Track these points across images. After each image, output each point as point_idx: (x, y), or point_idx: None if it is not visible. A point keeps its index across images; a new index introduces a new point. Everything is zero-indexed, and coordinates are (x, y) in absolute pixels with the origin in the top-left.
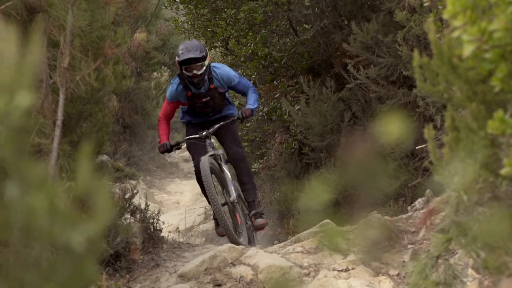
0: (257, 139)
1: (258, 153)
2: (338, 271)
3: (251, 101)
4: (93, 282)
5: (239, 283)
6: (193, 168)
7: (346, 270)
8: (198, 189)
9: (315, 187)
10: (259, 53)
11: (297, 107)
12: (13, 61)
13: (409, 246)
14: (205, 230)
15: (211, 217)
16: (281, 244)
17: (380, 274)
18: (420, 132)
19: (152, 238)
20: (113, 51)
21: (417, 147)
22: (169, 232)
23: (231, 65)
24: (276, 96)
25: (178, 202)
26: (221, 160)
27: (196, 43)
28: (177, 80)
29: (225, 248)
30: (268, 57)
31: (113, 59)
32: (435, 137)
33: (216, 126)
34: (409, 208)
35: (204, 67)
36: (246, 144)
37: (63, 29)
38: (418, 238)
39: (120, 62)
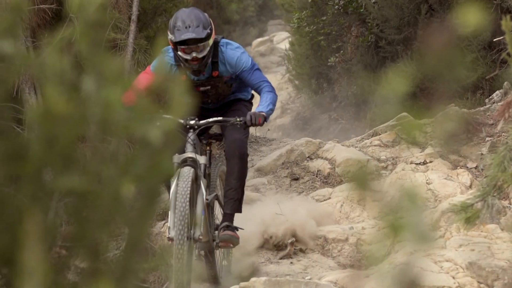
0: (333, 32)
1: (334, 46)
2: (416, 164)
3: (265, 103)
4: (170, 175)
5: (316, 176)
6: (270, 64)
7: (424, 163)
8: (275, 83)
9: (392, 80)
10: None
11: (373, 0)
12: None
13: (487, 138)
14: (281, 124)
15: (287, 111)
16: (358, 138)
17: (458, 167)
18: (498, 24)
19: None
20: None
21: (494, 39)
22: (255, 130)
23: None
24: None
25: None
26: (200, 173)
27: (198, 14)
28: (170, 53)
29: (302, 142)
30: None
31: None
32: None
33: (211, 120)
34: (486, 100)
35: (208, 48)
36: (321, 38)
37: None
38: (496, 131)
39: None
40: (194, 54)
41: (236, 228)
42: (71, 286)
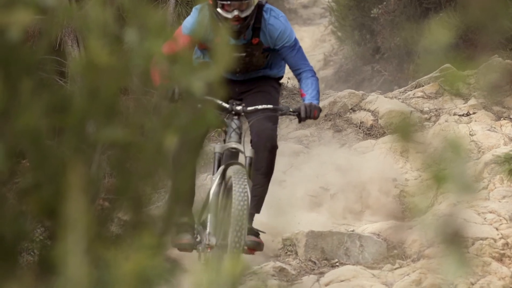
0: None
1: None
2: (459, 115)
3: (313, 91)
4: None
5: (359, 128)
6: (313, 15)
7: (467, 114)
8: (317, 35)
9: (435, 31)
10: None
11: None
12: None
13: None
14: (324, 76)
15: (330, 63)
16: (401, 90)
17: (502, 118)
18: None
19: None
20: None
21: None
22: (288, 78)
23: None
24: None
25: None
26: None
27: None
28: (205, 11)
29: (345, 94)
30: None
31: None
32: None
33: (260, 107)
34: None
35: (252, 8)
36: None
37: None
38: None
39: None
40: (236, 13)
41: (258, 233)
42: (114, 238)
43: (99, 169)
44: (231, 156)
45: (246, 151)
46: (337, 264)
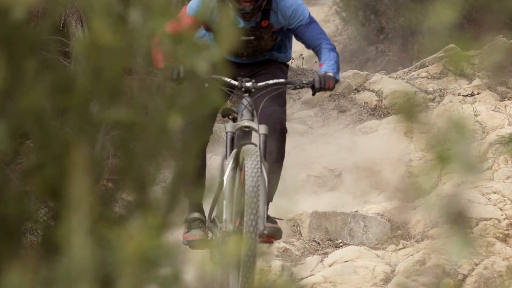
0: None
1: None
2: (464, 96)
3: (330, 63)
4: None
5: (363, 109)
6: None
7: (472, 95)
8: (322, 15)
9: (440, 11)
10: None
11: None
12: None
13: None
14: None
15: (334, 43)
16: (406, 70)
17: (506, 99)
18: None
19: None
20: None
21: None
22: (293, 59)
23: None
24: None
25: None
26: (261, 153)
27: None
28: None
29: (349, 74)
30: None
31: None
32: None
33: (271, 82)
34: None
35: None
36: None
37: None
38: None
39: None
40: None
41: (275, 220)
42: (118, 219)
43: (103, 150)
44: (244, 135)
45: (260, 128)
46: (341, 244)
